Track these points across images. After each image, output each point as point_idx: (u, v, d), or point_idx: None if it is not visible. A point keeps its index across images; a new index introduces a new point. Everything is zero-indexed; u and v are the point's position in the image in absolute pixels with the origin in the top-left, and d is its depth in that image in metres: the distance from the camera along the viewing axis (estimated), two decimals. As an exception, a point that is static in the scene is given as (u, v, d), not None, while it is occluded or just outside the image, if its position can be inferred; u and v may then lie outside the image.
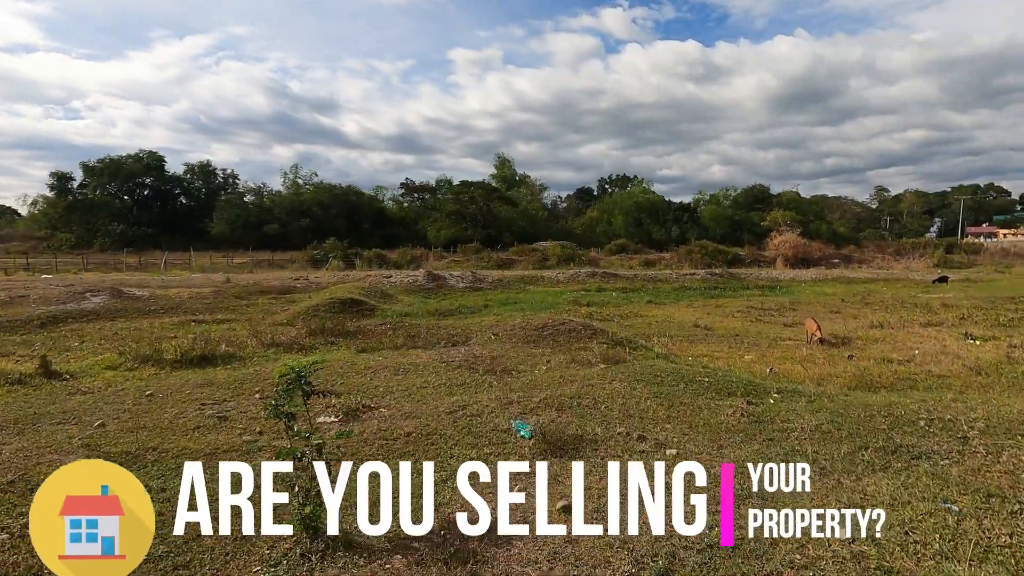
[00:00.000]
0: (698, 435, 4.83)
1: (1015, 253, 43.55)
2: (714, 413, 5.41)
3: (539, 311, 19.18)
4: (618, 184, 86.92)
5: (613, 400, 5.88)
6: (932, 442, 4.30)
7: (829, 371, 9.12)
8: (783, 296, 24.09)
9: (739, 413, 5.35)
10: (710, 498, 3.15)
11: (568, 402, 5.82)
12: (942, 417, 4.78)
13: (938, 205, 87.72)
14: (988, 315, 15.20)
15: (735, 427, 4.99)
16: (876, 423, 4.80)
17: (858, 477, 3.79)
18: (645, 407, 5.64)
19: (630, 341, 10.44)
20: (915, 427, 4.63)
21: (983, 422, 4.61)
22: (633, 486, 3.12)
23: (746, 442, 4.59)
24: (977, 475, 3.67)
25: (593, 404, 5.78)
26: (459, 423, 5.18)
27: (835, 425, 4.80)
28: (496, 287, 28.82)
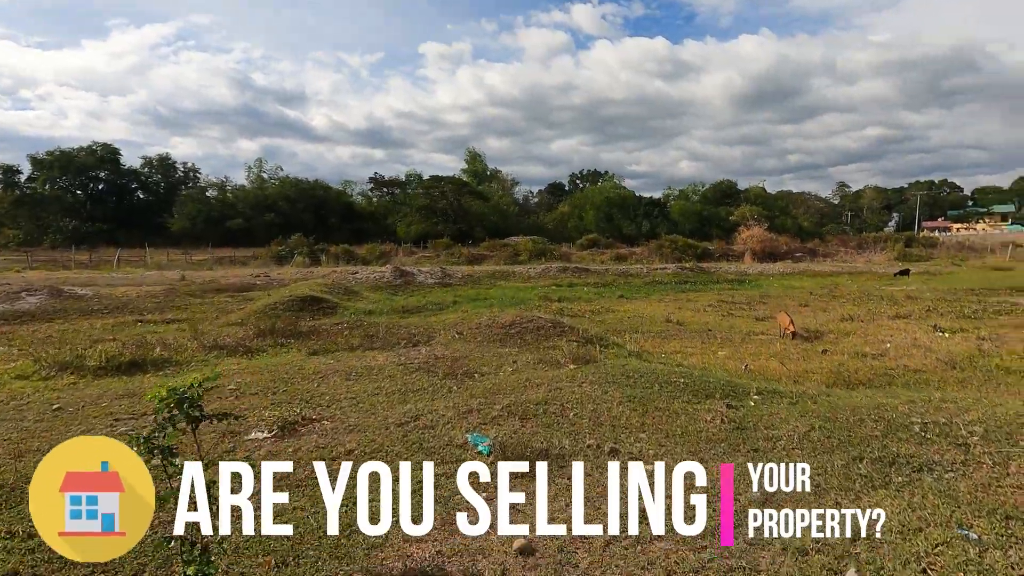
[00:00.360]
0: (676, 446, 4.33)
1: (968, 247, 44.92)
2: (692, 419, 4.93)
3: (508, 307, 18.61)
4: (589, 179, 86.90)
5: (583, 406, 5.35)
6: (931, 451, 3.88)
7: (805, 367, 8.80)
8: (752, 289, 24.07)
9: (719, 418, 4.87)
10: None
11: (533, 409, 5.27)
12: (937, 421, 4.38)
13: (896, 200, 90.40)
14: (952, 307, 15.28)
15: (716, 436, 4.51)
16: (868, 428, 4.38)
17: (857, 495, 3.33)
18: (617, 413, 5.12)
19: (601, 339, 9.97)
20: (910, 433, 4.22)
21: (981, 426, 4.23)
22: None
23: (729, 454, 4.11)
24: (988, 492, 3.25)
25: (561, 411, 5.24)
26: (410, 437, 4.57)
27: (824, 432, 4.36)
28: (466, 283, 28.13)
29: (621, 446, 4.34)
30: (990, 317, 13.54)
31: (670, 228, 55.89)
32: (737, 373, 8.48)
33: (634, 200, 64.63)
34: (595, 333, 10.20)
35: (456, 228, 60.96)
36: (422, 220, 63.25)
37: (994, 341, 10.59)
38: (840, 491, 3.39)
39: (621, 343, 10.05)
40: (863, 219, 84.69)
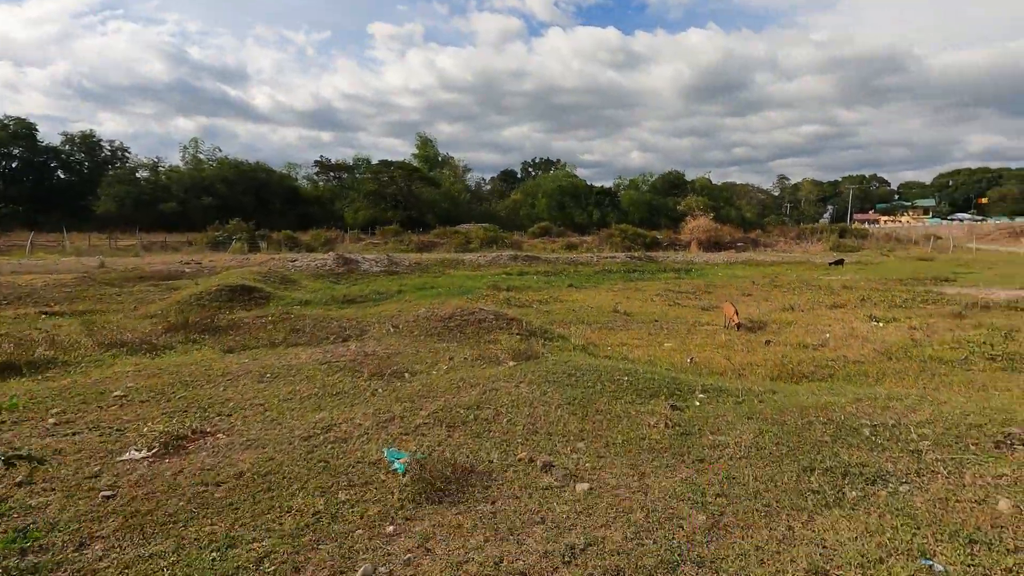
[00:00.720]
0: (616, 457, 3.90)
1: (895, 238, 47.50)
2: (635, 423, 4.53)
3: (456, 297, 18.01)
4: (541, 167, 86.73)
5: (518, 409, 4.86)
6: (883, 458, 3.60)
7: (750, 359, 8.66)
8: (698, 279, 24.35)
9: (663, 422, 4.49)
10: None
11: (464, 415, 4.74)
12: (886, 423, 4.14)
13: (831, 193, 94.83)
14: (884, 296, 15.76)
15: (659, 443, 4.11)
16: (817, 432, 4.08)
17: (810, 516, 2.98)
18: (555, 418, 4.66)
19: (546, 331, 9.54)
20: (860, 437, 3.94)
21: (930, 428, 4.01)
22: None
23: (673, 466, 3.71)
24: (947, 508, 2.97)
25: (494, 416, 4.73)
26: (316, 454, 3.96)
27: (773, 437, 4.04)
28: (413, 271, 27.26)
29: (556, 459, 3.87)
30: (919, 307, 13.98)
31: (620, 217, 56.43)
32: (683, 367, 8.24)
33: (586, 189, 64.86)
34: (539, 325, 9.76)
35: (406, 215, 59.51)
36: (370, 206, 61.38)
37: (925, 331, 10.82)
38: (792, 511, 3.04)
39: (566, 336, 9.66)
40: (801, 210, 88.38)
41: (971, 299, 14.91)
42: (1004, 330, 10.26)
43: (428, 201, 63.99)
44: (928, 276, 22.11)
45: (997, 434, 3.83)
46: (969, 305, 13.74)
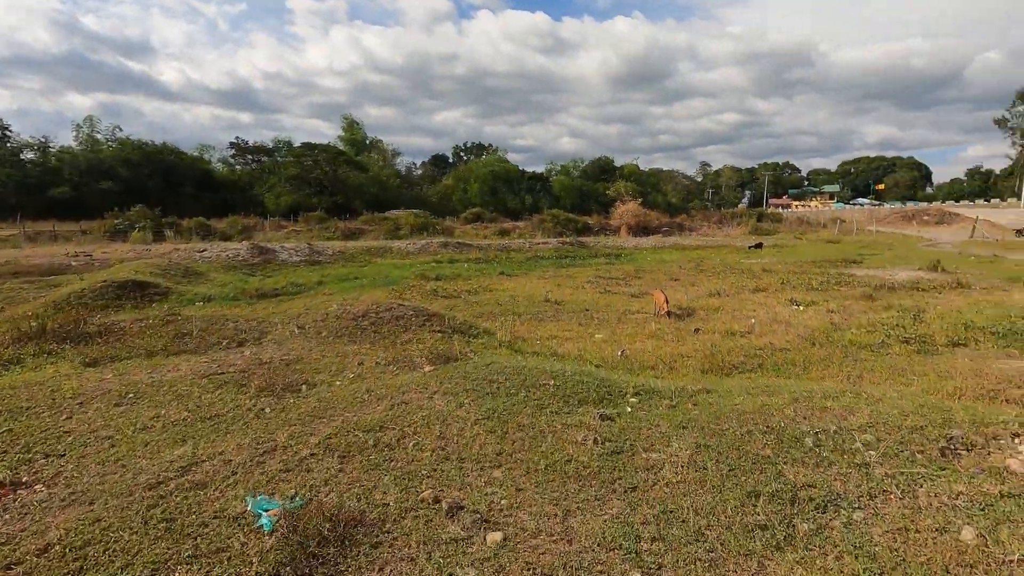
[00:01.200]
0: (538, 489, 3.31)
1: (806, 222, 50.41)
2: (560, 441, 3.96)
3: (379, 288, 16.98)
4: (473, 152, 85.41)
5: (429, 429, 4.18)
6: (831, 476, 3.22)
7: (680, 350, 8.40)
8: (628, 264, 24.48)
9: (592, 438, 3.96)
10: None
11: (363, 440, 4.00)
12: (827, 429, 3.79)
13: (748, 179, 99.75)
14: (802, 279, 16.28)
15: (587, 467, 3.56)
16: (757, 444, 3.67)
17: (760, 563, 2.51)
18: (470, 438, 4.02)
19: (470, 327, 8.87)
20: (803, 449, 3.56)
21: (871, 433, 3.70)
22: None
23: (603, 499, 3.16)
24: (907, 541, 2.59)
25: (399, 439, 4.03)
26: (160, 509, 3.09)
27: (711, 453, 3.58)
28: (337, 260, 25.74)
29: (467, 497, 3.22)
30: (833, 289, 14.47)
31: (552, 203, 56.49)
32: (614, 361, 7.84)
33: (518, 174, 64.44)
34: (464, 320, 9.08)
35: (332, 200, 56.75)
36: (293, 191, 58.04)
37: (842, 314, 11.07)
38: (740, 556, 2.55)
39: (493, 330, 9.04)
40: (722, 196, 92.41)
41: (878, 280, 15.67)
42: (912, 311, 10.66)
43: (355, 186, 61.36)
44: (838, 258, 23.27)
45: (940, 438, 3.56)
46: (877, 287, 14.38)
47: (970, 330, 8.99)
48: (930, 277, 16.14)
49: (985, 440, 3.54)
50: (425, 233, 38.83)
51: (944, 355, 8.03)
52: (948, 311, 10.69)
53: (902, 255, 25.47)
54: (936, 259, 18.30)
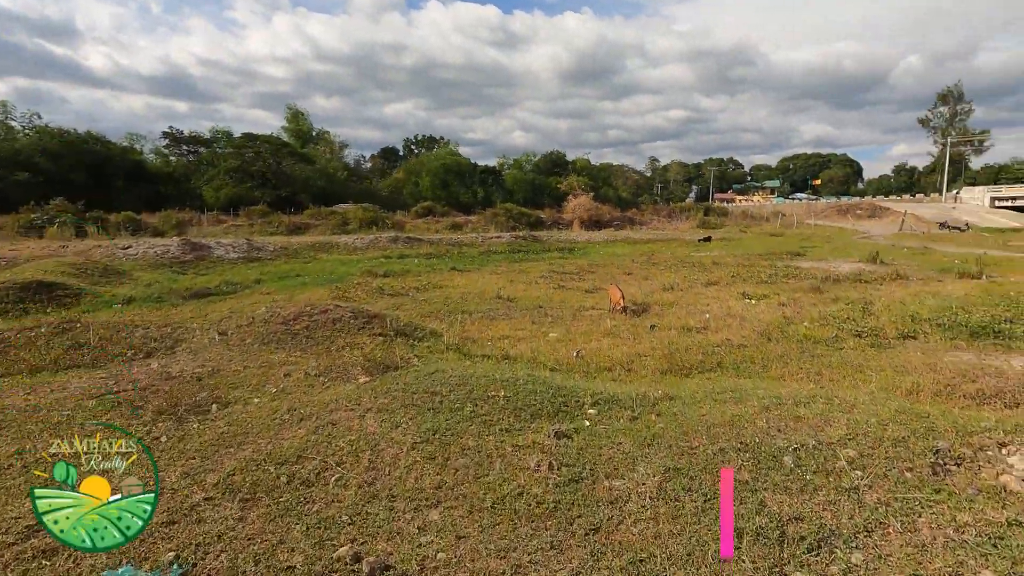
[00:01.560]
0: (483, 536, 2.74)
1: (750, 215, 51.99)
2: (510, 468, 3.41)
3: (322, 285, 15.98)
4: (424, 145, 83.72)
5: (357, 458, 3.54)
6: (818, 505, 2.80)
7: (637, 348, 8.01)
8: (581, 258, 24.26)
9: (547, 463, 3.42)
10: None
11: (275, 475, 3.32)
12: (806, 444, 3.39)
13: (695, 174, 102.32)
14: (751, 272, 16.39)
15: (541, 502, 3.02)
16: (731, 465, 3.22)
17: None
18: (405, 468, 3.41)
19: (415, 329, 8.20)
20: (783, 471, 3.14)
21: (854, 447, 3.33)
22: None
23: (560, 546, 2.62)
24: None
25: (318, 474, 3.37)
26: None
27: (682, 480, 3.11)
28: (279, 256, 24.32)
29: (396, 549, 2.62)
30: (782, 282, 14.58)
31: (505, 196, 55.93)
32: (569, 363, 7.37)
33: (470, 168, 63.42)
34: (408, 321, 8.40)
35: (275, 194, 54.17)
36: (234, 184, 55.01)
37: (793, 307, 11.03)
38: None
39: (440, 331, 8.39)
40: (670, 190, 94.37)
41: (823, 272, 15.95)
42: (860, 304, 10.73)
43: (301, 179, 58.81)
44: (783, 251, 23.81)
45: (926, 452, 3.22)
46: (823, 279, 14.59)
47: (917, 322, 9.05)
48: (870, 269, 16.58)
49: (973, 452, 3.22)
50: (374, 228, 37.52)
51: (896, 348, 8.00)
52: (893, 303, 10.82)
53: (841, 247, 26.39)
54: (875, 251, 18.87)
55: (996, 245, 26.05)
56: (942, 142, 62.14)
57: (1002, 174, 66.17)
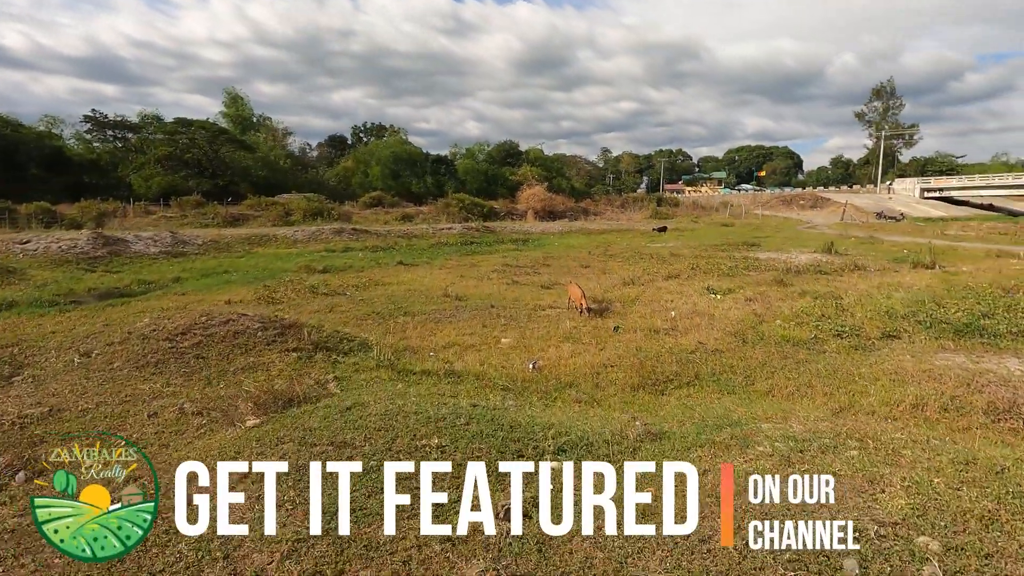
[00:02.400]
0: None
1: (701, 205, 52.40)
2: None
3: (249, 284, 14.22)
4: (374, 133, 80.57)
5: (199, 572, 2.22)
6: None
7: (602, 357, 6.93)
8: (535, 250, 23.19)
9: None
10: None
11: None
12: (865, 531, 2.33)
13: (645, 165, 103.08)
14: (711, 263, 15.70)
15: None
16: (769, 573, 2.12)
17: None
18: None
19: (343, 340, 6.82)
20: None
21: (933, 536, 2.28)
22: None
23: None
24: None
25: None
26: None
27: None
28: (207, 251, 22.07)
29: None
30: (743, 274, 13.91)
31: (458, 187, 54.24)
32: (525, 377, 6.21)
33: (422, 157, 61.24)
34: (333, 332, 7.01)
35: (212, 183, 50.62)
36: (166, 173, 50.99)
37: (760, 302, 10.26)
38: None
39: (374, 342, 7.04)
40: (622, 181, 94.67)
41: (782, 264, 15.45)
42: (830, 299, 10.07)
43: (241, 168, 55.23)
44: (738, 241, 23.46)
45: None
46: (784, 270, 14.03)
47: (896, 319, 8.38)
48: (827, 259, 16.22)
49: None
50: (319, 219, 35.31)
51: (882, 351, 7.25)
52: (863, 296, 10.20)
53: (793, 238, 26.40)
54: (829, 242, 18.58)
55: (935, 235, 26.68)
56: (876, 135, 64.59)
57: (928, 166, 69.57)
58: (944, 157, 74.09)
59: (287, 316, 7.50)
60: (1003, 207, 49.83)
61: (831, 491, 2.66)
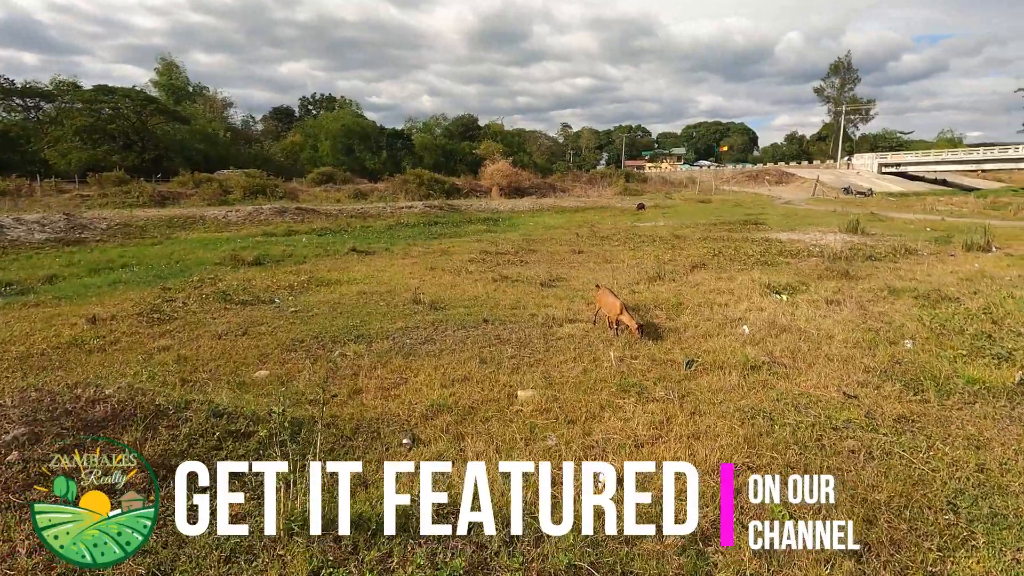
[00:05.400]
0: None
1: (670, 182, 50.07)
2: None
3: (150, 283, 10.36)
4: (323, 105, 74.19)
5: None
6: None
7: (693, 429, 3.81)
8: (511, 231, 19.85)
9: None
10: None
11: None
12: None
13: (605, 142, 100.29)
14: (730, 248, 12.83)
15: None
16: None
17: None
18: None
19: (226, 442, 3.38)
20: None
21: None
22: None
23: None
24: None
25: None
26: None
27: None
28: (113, 236, 17.61)
29: None
30: (782, 262, 11.11)
31: (415, 162, 49.88)
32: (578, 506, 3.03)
33: (376, 131, 56.18)
34: (215, 411, 3.53)
35: (140, 158, 44.51)
36: (87, 146, 44.45)
37: (852, 308, 7.36)
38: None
39: (304, 420, 3.64)
40: (583, 157, 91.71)
41: (815, 247, 12.78)
42: (944, 300, 7.32)
43: (175, 141, 49.06)
44: (735, 220, 20.80)
45: None
46: (830, 257, 11.34)
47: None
48: (859, 240, 13.71)
49: None
50: (260, 197, 30.67)
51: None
52: (995, 296, 7.44)
53: (788, 215, 23.99)
54: (854, 220, 15.98)
55: (926, 210, 24.88)
56: (836, 110, 63.77)
57: (878, 143, 69.68)
58: (891, 134, 74.56)
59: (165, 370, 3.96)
60: (956, 182, 49.76)
61: None
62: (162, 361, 5.78)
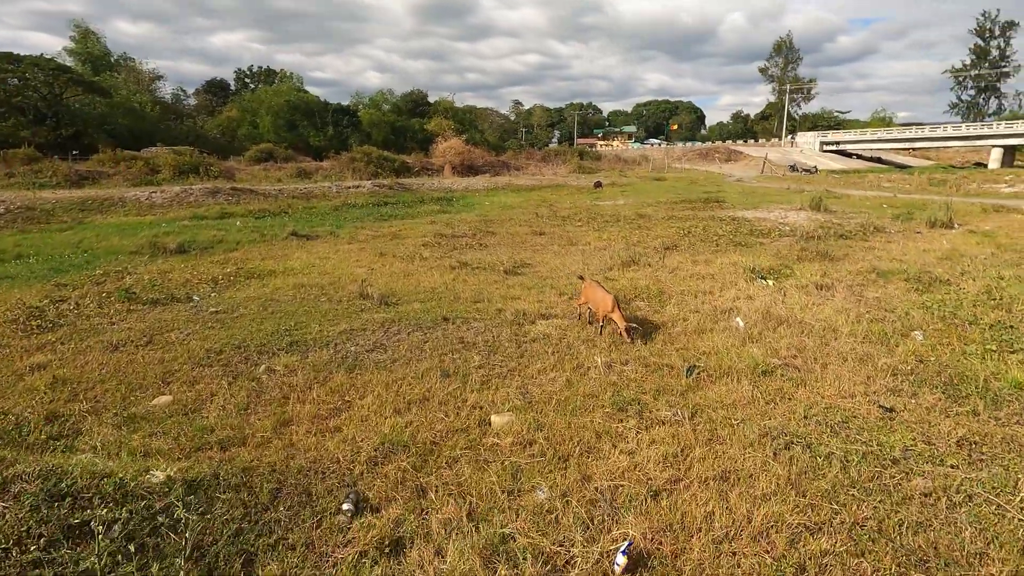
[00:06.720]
0: None
1: (623, 160, 49.69)
2: None
3: (38, 281, 8.65)
4: (262, 79, 69.35)
5: None
6: None
7: (719, 469, 2.98)
8: (466, 211, 18.62)
9: None
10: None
11: None
12: None
13: (557, 119, 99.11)
14: (698, 227, 12.21)
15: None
16: None
17: None
18: None
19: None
20: None
21: None
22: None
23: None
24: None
25: None
26: None
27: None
28: (12, 222, 15.23)
29: None
30: (754, 242, 10.53)
31: (362, 139, 47.27)
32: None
33: (320, 106, 52.76)
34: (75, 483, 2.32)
35: (55, 134, 40.07)
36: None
37: (845, 294, 6.75)
38: None
39: (200, 508, 2.54)
40: (534, 135, 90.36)
41: (785, 226, 12.32)
42: (940, 284, 6.82)
43: (95, 116, 44.47)
44: (695, 198, 20.33)
45: None
46: (802, 237, 10.87)
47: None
48: (825, 219, 13.39)
49: None
50: (194, 176, 27.94)
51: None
52: (993, 280, 7.00)
53: (746, 192, 23.71)
54: (817, 197, 15.68)
55: (876, 187, 25.31)
56: (780, 89, 65.05)
57: (818, 121, 71.83)
58: (828, 113, 77.01)
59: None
60: (890, 160, 51.78)
61: None
62: (31, 386, 4.46)
